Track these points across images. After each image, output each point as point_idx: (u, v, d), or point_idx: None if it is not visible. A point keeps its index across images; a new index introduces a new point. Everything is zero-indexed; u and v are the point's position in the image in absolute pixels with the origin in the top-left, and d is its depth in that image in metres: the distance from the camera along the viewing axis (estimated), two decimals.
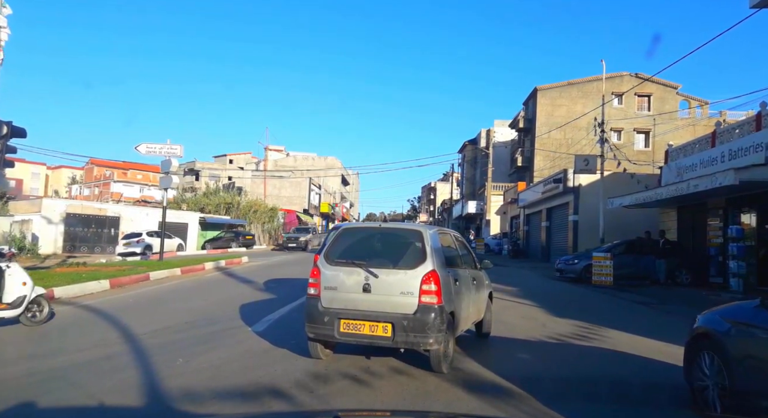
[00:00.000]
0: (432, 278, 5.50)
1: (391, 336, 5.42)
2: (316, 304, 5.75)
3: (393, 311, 5.48)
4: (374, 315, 5.50)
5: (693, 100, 39.91)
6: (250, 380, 5.25)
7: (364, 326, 5.52)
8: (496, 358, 6.70)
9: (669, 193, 15.91)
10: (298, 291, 12.36)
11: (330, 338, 5.67)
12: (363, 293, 5.58)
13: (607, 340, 7.91)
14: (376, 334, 5.48)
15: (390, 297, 5.53)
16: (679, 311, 11.60)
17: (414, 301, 5.46)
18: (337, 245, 6.10)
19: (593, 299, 13.85)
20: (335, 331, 5.58)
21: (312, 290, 5.84)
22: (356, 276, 5.65)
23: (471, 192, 57.45)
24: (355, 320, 5.55)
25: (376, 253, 6.01)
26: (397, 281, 5.58)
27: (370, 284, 5.59)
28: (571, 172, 25.79)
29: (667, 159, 20.40)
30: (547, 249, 30.33)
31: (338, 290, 5.70)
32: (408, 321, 5.39)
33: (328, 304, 5.69)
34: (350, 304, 5.63)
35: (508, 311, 10.90)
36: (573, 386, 5.39)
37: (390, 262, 5.77)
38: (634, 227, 21.14)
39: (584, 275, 17.48)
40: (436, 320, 5.38)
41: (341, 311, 5.62)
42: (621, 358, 6.75)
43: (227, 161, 72.28)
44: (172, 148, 18.48)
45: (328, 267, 5.85)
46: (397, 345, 5.54)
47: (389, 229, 6.73)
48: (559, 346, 7.44)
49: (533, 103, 40.82)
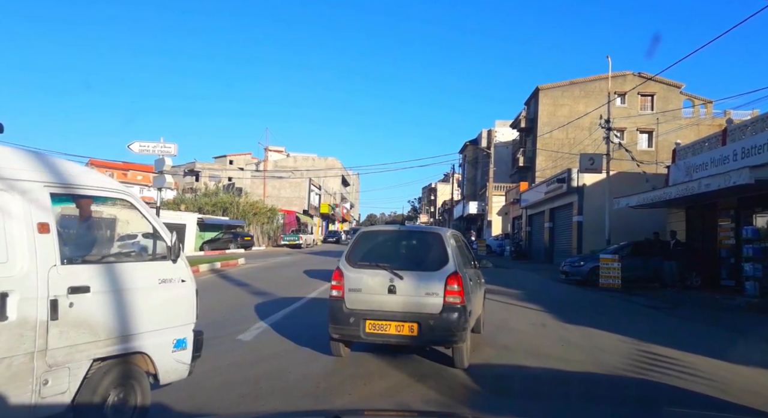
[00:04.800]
0: (455, 279, 5.72)
1: (417, 335, 5.60)
2: (340, 305, 5.86)
3: (419, 311, 5.65)
4: (400, 315, 5.67)
5: (697, 99, 39.37)
6: (232, 400, 4.70)
7: (390, 326, 5.68)
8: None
9: (679, 193, 15.33)
10: (295, 295, 11.83)
11: (355, 338, 5.82)
12: (388, 295, 5.73)
13: (624, 349, 7.35)
14: (402, 333, 5.64)
15: (415, 298, 5.70)
16: (694, 317, 11.05)
17: (439, 301, 5.64)
18: (358, 248, 6.24)
19: (603, 304, 13.28)
20: (361, 331, 5.72)
21: (335, 292, 5.93)
22: (381, 278, 5.79)
23: (472, 193, 56.90)
24: (381, 320, 5.70)
25: (398, 255, 6.28)
26: (421, 282, 5.76)
27: (395, 285, 5.72)
28: (575, 172, 25.23)
29: (675, 158, 19.82)
30: (551, 250, 29.75)
31: (363, 292, 5.84)
32: (434, 320, 5.58)
33: (353, 305, 5.83)
34: (375, 305, 5.76)
35: (514, 316, 10.34)
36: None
37: (413, 264, 6.04)
38: (640, 228, 20.57)
39: (591, 278, 16.90)
40: (460, 319, 5.63)
41: (367, 312, 5.75)
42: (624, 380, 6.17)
43: (227, 162, 71.73)
44: (166, 147, 17.89)
45: (351, 269, 5.98)
46: (423, 344, 5.84)
47: (409, 232, 7.02)
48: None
49: (535, 103, 40.28)
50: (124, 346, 3.57)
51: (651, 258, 16.74)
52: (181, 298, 4.09)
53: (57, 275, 3.15)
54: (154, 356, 3.80)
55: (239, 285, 14.25)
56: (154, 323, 3.80)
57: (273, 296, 11.86)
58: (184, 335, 4.09)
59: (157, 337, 3.83)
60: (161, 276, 3.92)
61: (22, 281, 2.98)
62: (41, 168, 3.31)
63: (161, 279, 3.91)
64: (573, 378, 5.93)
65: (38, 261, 3.06)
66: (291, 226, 49.96)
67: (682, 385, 5.54)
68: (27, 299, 2.98)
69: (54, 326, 3.11)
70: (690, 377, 5.80)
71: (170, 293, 3.98)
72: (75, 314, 3.22)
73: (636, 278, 16.48)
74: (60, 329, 3.14)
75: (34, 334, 3.01)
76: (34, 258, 3.05)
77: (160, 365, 3.85)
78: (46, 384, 3.06)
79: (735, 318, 10.98)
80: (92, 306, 3.34)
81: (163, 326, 3.88)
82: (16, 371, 2.91)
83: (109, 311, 3.45)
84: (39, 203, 3.15)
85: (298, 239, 41.83)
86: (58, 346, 3.13)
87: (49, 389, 3.08)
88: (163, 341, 3.89)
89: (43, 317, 3.05)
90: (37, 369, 3.02)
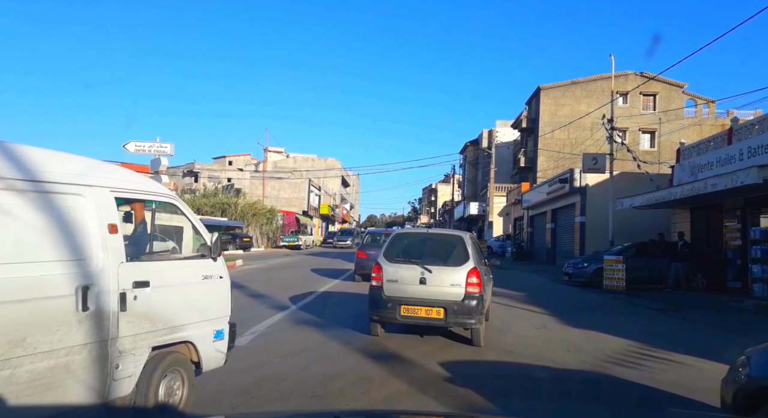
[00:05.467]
0: (474, 273, 7.02)
1: (443, 318, 6.89)
2: (380, 293, 7.16)
3: (444, 298, 6.92)
4: (429, 302, 6.95)
5: (699, 99, 39.07)
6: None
7: (420, 310, 6.97)
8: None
9: (685, 193, 15.04)
10: (292, 297, 11.54)
11: (392, 319, 7.14)
12: (420, 285, 7.02)
13: (627, 353, 7.07)
14: (431, 316, 6.94)
15: (442, 288, 6.97)
16: (702, 320, 10.76)
17: (461, 291, 6.92)
18: (393, 247, 7.59)
19: (607, 306, 12.99)
20: (397, 314, 7.02)
21: (375, 283, 7.26)
22: (413, 271, 7.07)
23: (473, 193, 56.63)
24: (414, 305, 6.99)
25: (427, 253, 7.42)
26: (447, 275, 7.05)
27: (425, 277, 7.02)
28: (578, 172, 24.94)
29: (679, 157, 19.53)
30: (553, 251, 29.45)
31: (399, 283, 7.11)
32: (457, 306, 6.87)
33: (390, 293, 7.11)
34: (409, 293, 7.04)
35: (517, 319, 10.07)
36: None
37: (440, 260, 7.23)
38: (643, 229, 20.29)
39: (595, 279, 16.61)
40: (478, 305, 6.93)
41: (402, 298, 7.04)
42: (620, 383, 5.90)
43: (227, 163, 71.40)
44: (162, 147, 17.60)
45: (389, 264, 7.29)
46: (448, 325, 7.16)
47: (435, 234, 8.54)
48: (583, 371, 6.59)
49: (536, 103, 40.01)
50: (175, 336, 3.95)
51: (656, 259, 16.45)
52: (220, 292, 4.49)
53: (124, 270, 3.52)
54: (198, 346, 4.18)
55: (235, 287, 13.93)
56: (199, 315, 4.19)
57: (269, 300, 11.57)
58: (222, 327, 4.48)
59: (201, 328, 4.21)
60: (204, 273, 4.32)
61: (99, 276, 3.34)
62: (107, 175, 3.70)
63: (204, 275, 4.32)
64: (576, 381, 5.66)
65: (110, 258, 3.43)
66: (290, 227, 49.68)
67: (693, 395, 5.26)
68: (102, 292, 3.35)
69: (123, 316, 3.48)
70: (702, 383, 5.51)
71: (211, 288, 4.39)
72: (138, 306, 3.59)
73: (640, 279, 16.17)
74: (127, 319, 3.51)
75: (108, 323, 3.38)
76: (106, 255, 3.41)
77: (203, 354, 4.24)
78: (117, 368, 3.45)
79: (744, 321, 10.70)
80: (151, 299, 3.70)
81: (205, 318, 4.28)
82: (96, 355, 3.30)
83: (163, 303, 3.84)
84: (108, 207, 3.53)
85: (298, 240, 41.58)
86: (126, 334, 3.51)
87: (119, 372, 3.47)
88: (205, 331, 4.27)
89: (115, 308, 3.43)
90: (111, 355, 3.40)
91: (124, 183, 3.80)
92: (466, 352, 7.08)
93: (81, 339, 3.20)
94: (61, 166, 3.37)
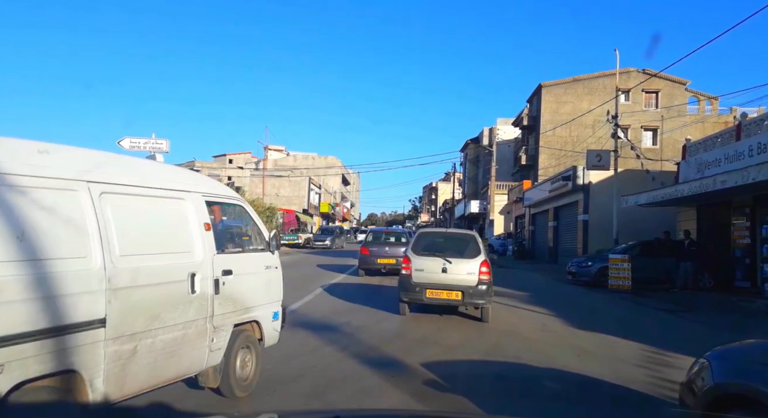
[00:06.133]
0: (485, 264, 8.80)
1: (461, 299, 8.66)
2: (409, 279, 8.87)
3: (462, 284, 8.63)
4: (450, 286, 8.66)
5: (702, 96, 38.67)
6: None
7: (443, 293, 8.71)
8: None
9: (692, 190, 14.67)
10: (289, 302, 11.14)
11: (419, 301, 8.86)
12: (442, 273, 8.71)
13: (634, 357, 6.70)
14: (450, 298, 8.71)
15: (459, 275, 8.67)
16: (715, 322, 10.38)
17: (475, 278, 8.65)
18: (419, 242, 9.42)
19: (614, 307, 12.65)
20: (423, 296, 8.74)
21: (405, 272, 9.00)
22: (437, 262, 8.76)
23: (474, 192, 56.23)
24: (437, 290, 8.73)
25: (447, 248, 9.17)
26: (463, 265, 8.75)
27: (446, 267, 8.71)
28: (581, 170, 24.53)
29: (685, 154, 19.15)
30: (555, 250, 29.06)
31: (425, 271, 8.79)
32: (472, 290, 8.60)
33: (418, 280, 8.82)
34: (434, 279, 8.74)
35: (523, 321, 9.72)
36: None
37: (458, 254, 8.93)
38: (646, 227, 19.95)
39: (599, 279, 16.23)
40: (488, 289, 8.72)
41: (428, 284, 8.74)
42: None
43: (227, 161, 71.03)
44: (158, 143, 17.24)
45: (416, 257, 9.00)
46: (465, 305, 8.95)
47: (452, 233, 10.61)
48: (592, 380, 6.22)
49: (537, 100, 39.61)
50: (248, 315, 4.71)
51: (662, 258, 16.07)
52: (277, 280, 5.30)
53: (216, 261, 4.25)
54: (262, 324, 4.95)
55: None
56: (263, 299, 4.97)
57: None
58: (278, 309, 5.28)
59: (264, 309, 4.99)
60: (266, 263, 5.14)
61: (200, 265, 4.07)
62: (198, 183, 4.53)
63: (266, 266, 5.13)
64: (594, 392, 5.30)
65: (206, 251, 4.16)
66: (291, 225, 49.26)
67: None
68: (203, 279, 4.07)
69: (216, 298, 4.21)
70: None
71: (271, 276, 5.19)
72: (226, 290, 4.33)
73: (646, 279, 15.80)
74: (219, 301, 4.25)
75: (207, 304, 4.11)
76: (204, 249, 4.14)
77: (266, 332, 5.01)
78: (212, 341, 4.18)
79: (758, 323, 10.36)
80: (233, 284, 4.44)
81: (267, 301, 5.06)
82: (200, 330, 4.03)
83: (241, 288, 4.59)
84: (202, 209, 4.27)
85: (298, 238, 41.22)
86: (218, 313, 4.24)
87: (214, 344, 4.21)
88: (267, 313, 5.05)
89: (211, 291, 4.16)
90: (209, 330, 4.12)
91: (210, 189, 4.58)
92: (473, 353, 6.74)
93: (192, 316, 3.94)
94: (173, 177, 4.23)
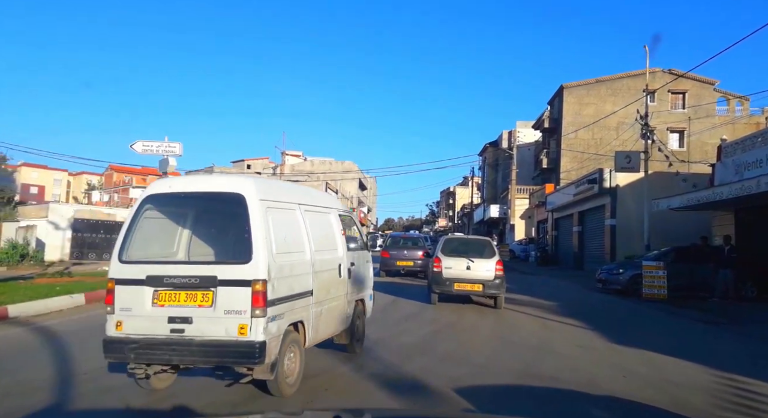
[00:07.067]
0: (499, 263, 11.37)
1: (481, 290, 11.20)
2: (441, 275, 11.32)
3: (482, 278, 11.13)
4: (473, 280, 11.17)
5: (732, 96, 37.31)
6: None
7: (467, 285, 11.20)
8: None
9: (733, 193, 13.77)
10: None
11: (449, 292, 11.33)
12: (466, 270, 11.24)
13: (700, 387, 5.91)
14: (474, 290, 11.26)
15: (480, 272, 11.19)
16: (764, 336, 9.50)
17: (492, 273, 11.15)
18: (446, 246, 12.00)
19: (652, 318, 11.80)
20: (452, 288, 11.25)
21: (436, 269, 11.42)
22: (462, 262, 11.31)
23: (492, 196, 55.24)
24: (463, 283, 11.21)
25: (469, 250, 11.76)
26: (483, 264, 11.24)
27: (470, 265, 11.24)
28: (608, 172, 23.58)
29: (721, 155, 18.15)
30: (581, 256, 28.02)
31: (453, 269, 11.28)
32: (490, 283, 11.10)
33: (447, 275, 11.28)
34: (461, 275, 11.22)
35: (556, 335, 8.96)
36: None
37: (478, 255, 11.49)
38: (676, 233, 19.02)
39: (632, 287, 15.32)
40: (502, 282, 11.26)
41: (456, 278, 11.22)
42: None
43: (245, 166, 71.22)
44: (171, 147, 16.81)
45: (445, 257, 11.47)
46: (484, 295, 11.45)
47: (473, 239, 14.16)
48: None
49: (559, 102, 38.65)
50: (360, 295, 6.87)
51: (698, 265, 15.12)
52: (371, 271, 7.53)
53: (347, 256, 6.38)
54: (365, 302, 7.12)
55: None
56: (366, 284, 7.18)
57: None
58: (371, 293, 7.46)
59: (366, 292, 7.18)
60: (366, 258, 7.32)
61: (341, 258, 6.22)
62: (332, 202, 7.08)
63: (366, 260, 7.30)
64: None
65: (342, 249, 6.30)
66: None
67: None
68: (343, 268, 6.21)
69: (349, 282, 6.39)
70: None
71: (369, 267, 7.40)
72: (352, 276, 6.49)
73: (681, 287, 14.84)
74: (350, 284, 6.42)
75: (344, 285, 6.27)
76: (342, 247, 6.31)
77: (367, 308, 7.19)
78: (346, 311, 6.34)
79: None
80: (355, 273, 6.61)
81: (367, 286, 7.25)
82: (343, 303, 6.22)
83: (358, 275, 6.77)
84: (337, 220, 6.50)
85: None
86: (350, 292, 6.43)
87: (348, 313, 6.38)
88: (368, 294, 7.24)
89: (346, 277, 6.30)
90: (346, 303, 6.33)
91: (339, 205, 7.11)
92: (503, 377, 6.04)
93: (341, 293, 6.13)
94: (326, 199, 7.05)
